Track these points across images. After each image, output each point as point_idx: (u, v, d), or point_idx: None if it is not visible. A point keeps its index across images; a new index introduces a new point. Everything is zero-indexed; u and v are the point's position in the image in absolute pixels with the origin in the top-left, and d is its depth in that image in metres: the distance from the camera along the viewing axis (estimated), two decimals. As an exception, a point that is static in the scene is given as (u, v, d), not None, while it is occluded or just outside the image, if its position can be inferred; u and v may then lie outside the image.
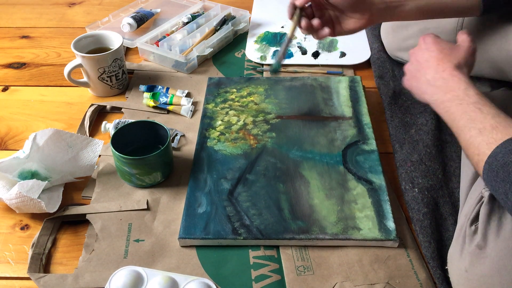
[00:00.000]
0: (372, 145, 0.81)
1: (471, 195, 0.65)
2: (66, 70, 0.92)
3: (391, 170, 0.80)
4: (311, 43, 1.11)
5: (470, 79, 0.64)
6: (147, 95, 0.94)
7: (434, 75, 0.66)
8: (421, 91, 0.67)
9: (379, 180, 0.75)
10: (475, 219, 0.59)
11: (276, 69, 0.81)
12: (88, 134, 0.87)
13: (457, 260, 0.60)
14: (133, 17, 1.13)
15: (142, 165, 0.73)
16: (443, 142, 0.82)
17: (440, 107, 0.64)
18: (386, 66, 1.01)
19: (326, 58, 1.07)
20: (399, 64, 1.02)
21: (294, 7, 0.77)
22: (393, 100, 0.92)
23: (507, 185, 0.50)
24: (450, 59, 0.66)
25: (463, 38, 0.70)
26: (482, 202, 0.59)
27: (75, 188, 0.78)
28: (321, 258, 0.66)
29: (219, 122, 0.87)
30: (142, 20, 1.16)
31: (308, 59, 1.07)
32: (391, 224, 0.68)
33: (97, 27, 1.14)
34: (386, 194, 0.73)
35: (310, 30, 0.78)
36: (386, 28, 1.04)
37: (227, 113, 0.89)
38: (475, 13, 0.79)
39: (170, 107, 0.93)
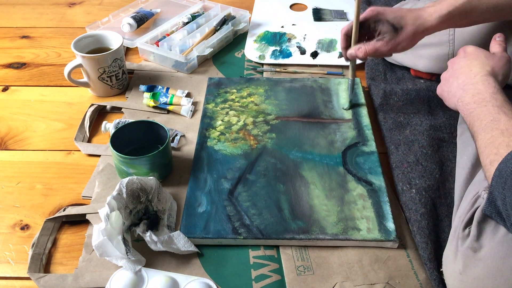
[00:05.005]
0: (371, 146, 0.81)
1: (466, 197, 0.64)
2: (66, 70, 0.92)
3: (390, 171, 0.80)
4: (310, 43, 1.11)
5: (501, 87, 0.64)
6: (147, 95, 0.94)
7: (465, 79, 0.68)
8: (450, 95, 0.69)
9: (379, 181, 0.75)
10: (469, 222, 0.59)
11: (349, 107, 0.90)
12: (88, 134, 0.88)
13: (451, 262, 0.60)
14: (133, 17, 1.13)
15: (139, 165, 0.73)
16: (439, 141, 0.82)
17: (466, 108, 0.64)
18: (378, 69, 1.01)
19: (324, 58, 1.07)
20: (392, 68, 1.02)
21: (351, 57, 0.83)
22: (385, 101, 0.91)
23: None
24: (483, 66, 0.68)
25: (496, 48, 0.72)
26: (478, 205, 0.59)
27: (75, 188, 0.78)
28: (321, 258, 0.66)
29: (219, 122, 0.87)
30: (142, 20, 1.16)
31: (307, 59, 1.07)
32: (391, 225, 0.68)
33: (97, 27, 1.14)
34: (386, 195, 0.73)
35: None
36: None
37: (227, 113, 0.89)
38: None
39: (170, 107, 0.93)
